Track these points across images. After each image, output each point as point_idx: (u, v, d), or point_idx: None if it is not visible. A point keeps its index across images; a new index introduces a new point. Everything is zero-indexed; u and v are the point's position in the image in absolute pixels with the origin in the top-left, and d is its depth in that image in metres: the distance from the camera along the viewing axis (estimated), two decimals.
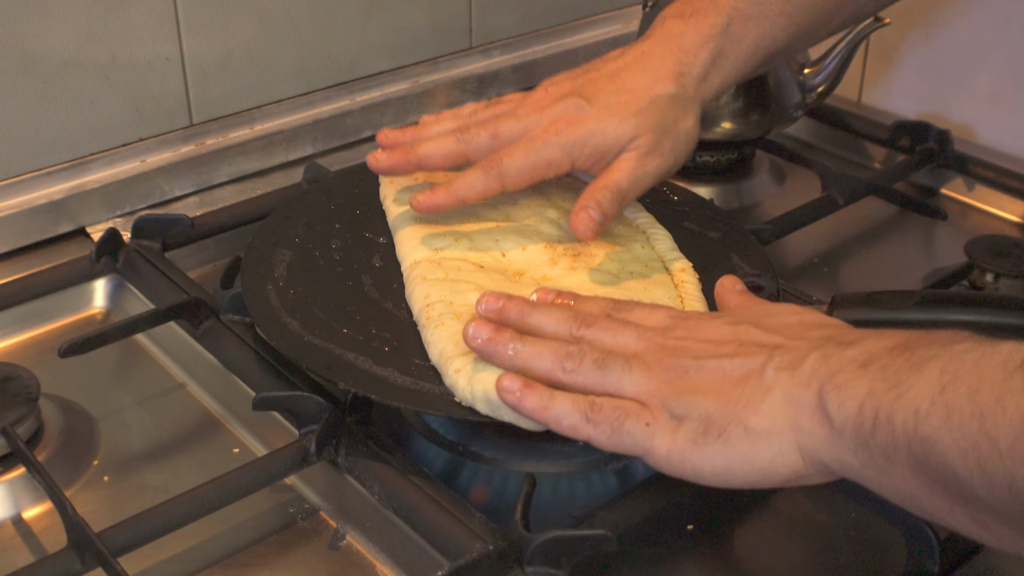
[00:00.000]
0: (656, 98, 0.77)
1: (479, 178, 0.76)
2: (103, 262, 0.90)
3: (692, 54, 0.78)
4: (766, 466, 0.56)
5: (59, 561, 0.62)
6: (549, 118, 0.77)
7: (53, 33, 0.92)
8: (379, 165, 0.80)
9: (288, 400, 0.71)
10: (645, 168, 0.77)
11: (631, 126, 0.76)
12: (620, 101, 0.77)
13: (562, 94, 0.78)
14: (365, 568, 0.67)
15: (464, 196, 0.77)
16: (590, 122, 0.76)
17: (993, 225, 1.04)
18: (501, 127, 0.78)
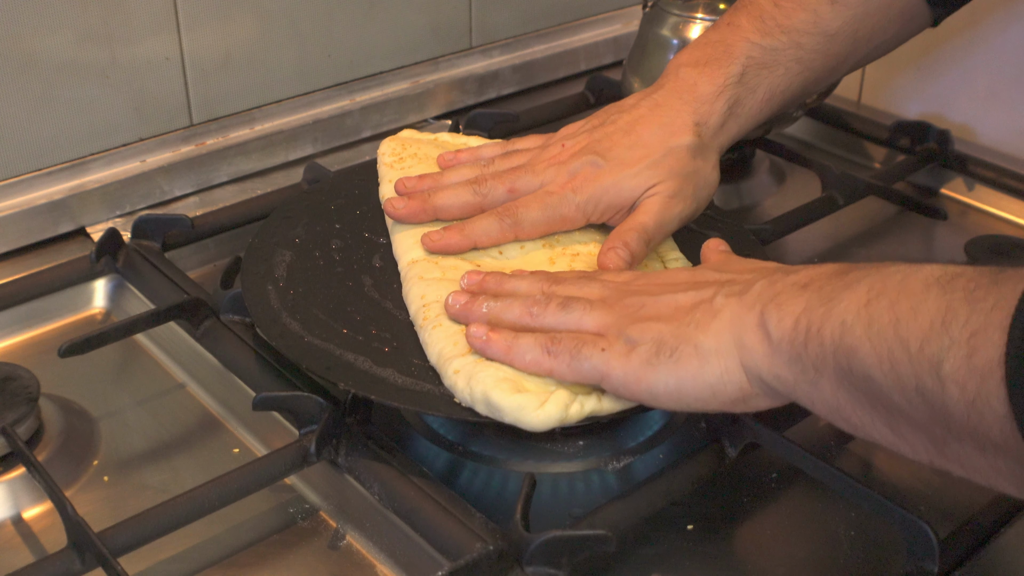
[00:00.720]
0: (672, 149, 0.78)
1: (494, 225, 0.77)
2: (103, 262, 0.90)
3: (708, 103, 0.79)
4: (714, 382, 0.60)
5: (59, 561, 0.62)
6: (566, 175, 0.79)
7: (53, 33, 0.92)
8: (396, 213, 0.80)
9: (288, 400, 0.71)
10: (671, 211, 0.77)
11: (646, 177, 0.77)
12: (634, 156, 0.78)
13: (578, 150, 0.80)
14: (365, 568, 0.67)
15: (477, 241, 0.78)
16: (605, 178, 0.78)
17: (993, 225, 1.04)
18: (518, 182, 0.79)
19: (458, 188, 0.80)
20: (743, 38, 0.80)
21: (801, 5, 0.80)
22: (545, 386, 0.65)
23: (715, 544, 0.68)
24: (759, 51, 0.80)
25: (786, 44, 0.80)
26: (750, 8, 0.82)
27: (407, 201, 0.80)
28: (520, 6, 1.24)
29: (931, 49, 1.13)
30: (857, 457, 0.76)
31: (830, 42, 0.81)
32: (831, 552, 0.68)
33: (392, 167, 0.90)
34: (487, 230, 0.77)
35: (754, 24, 0.80)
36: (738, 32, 0.81)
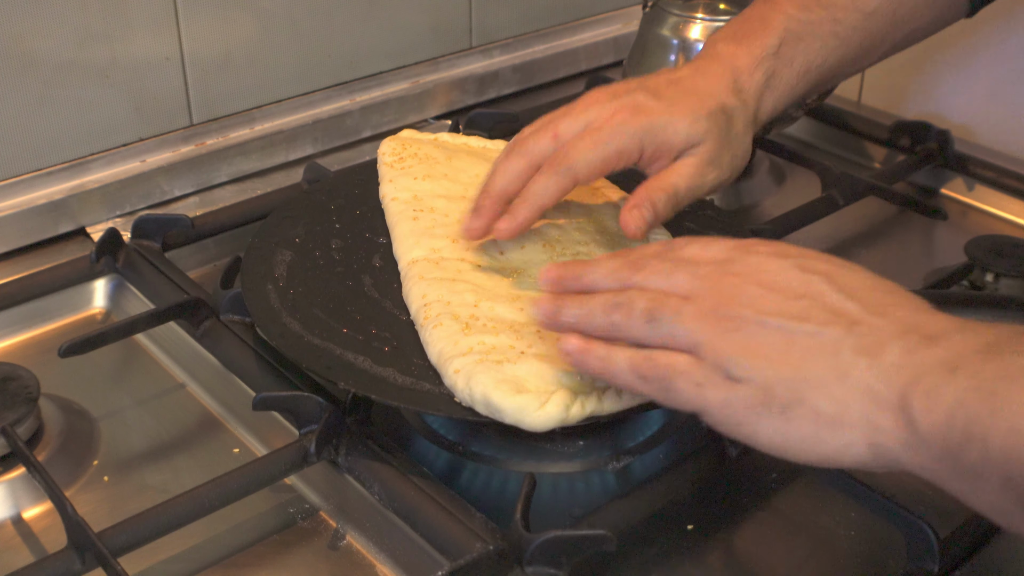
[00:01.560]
0: (723, 105, 0.76)
1: (550, 180, 0.72)
2: (103, 262, 0.90)
3: (747, 74, 0.78)
4: (829, 453, 0.53)
5: (59, 561, 0.62)
6: (611, 109, 0.74)
7: (53, 33, 0.92)
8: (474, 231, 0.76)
9: (288, 400, 0.71)
10: (705, 177, 0.75)
11: (703, 128, 0.74)
12: (689, 100, 0.75)
13: (623, 91, 0.75)
14: (365, 568, 0.67)
15: (542, 203, 0.73)
16: (659, 114, 0.73)
17: (993, 225, 1.04)
18: (560, 126, 0.74)
19: (506, 163, 0.75)
20: (780, 12, 0.80)
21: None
22: (546, 386, 0.65)
23: (715, 544, 0.68)
24: (796, 24, 0.79)
25: (823, 18, 0.80)
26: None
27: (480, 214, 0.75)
28: (520, 6, 1.24)
29: (931, 49, 1.13)
30: None
31: (868, 20, 0.81)
32: (831, 552, 0.68)
33: (392, 167, 0.90)
34: (546, 187, 0.72)
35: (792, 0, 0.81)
36: (776, 7, 0.80)
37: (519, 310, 0.72)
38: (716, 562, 0.67)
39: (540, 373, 0.66)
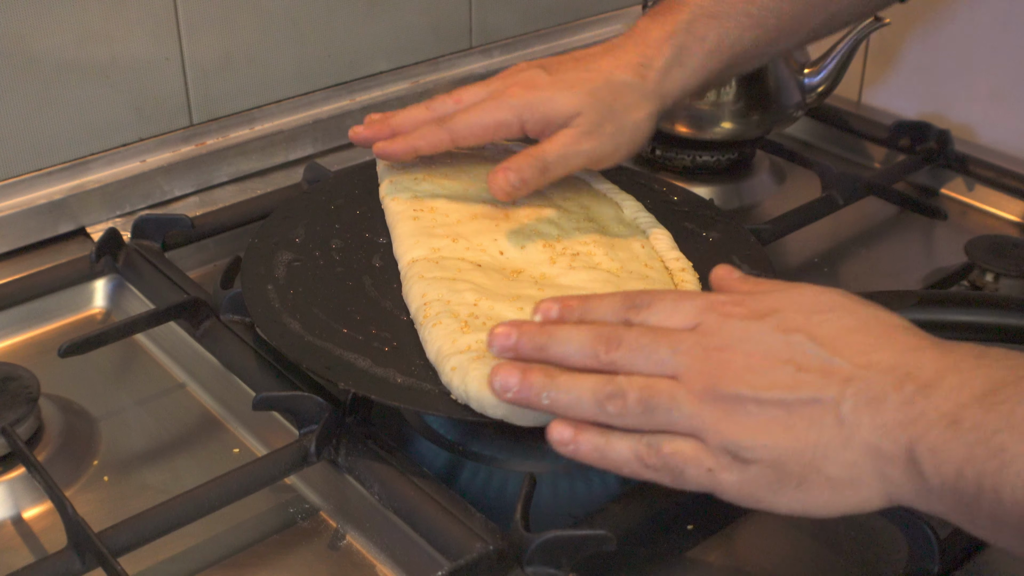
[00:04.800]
0: (611, 81, 0.79)
1: (432, 128, 0.81)
2: (103, 262, 0.90)
3: (655, 48, 0.80)
4: (850, 508, 0.54)
5: (59, 561, 0.62)
6: (508, 83, 0.81)
7: (53, 33, 0.92)
8: (358, 135, 0.85)
9: (288, 400, 0.71)
10: (579, 146, 0.79)
11: (579, 101, 0.78)
12: (576, 77, 0.80)
13: (526, 66, 0.83)
14: (365, 568, 0.67)
15: (416, 146, 0.82)
16: (544, 90, 0.79)
17: (993, 225, 1.04)
18: (465, 93, 0.83)
19: (412, 109, 0.85)
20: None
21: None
22: None
23: (715, 544, 0.68)
24: (709, 2, 0.82)
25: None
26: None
27: (368, 126, 0.86)
28: (520, 6, 1.24)
29: (931, 49, 1.13)
30: None
31: (783, 1, 0.82)
32: (831, 552, 0.68)
33: (392, 167, 0.90)
34: (424, 133, 0.81)
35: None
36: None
37: (518, 309, 0.72)
38: (716, 562, 0.67)
39: None
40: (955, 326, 0.74)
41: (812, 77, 1.05)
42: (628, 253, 0.80)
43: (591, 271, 0.77)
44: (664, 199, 0.90)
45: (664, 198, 0.90)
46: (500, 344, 0.62)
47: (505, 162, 0.78)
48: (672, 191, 0.92)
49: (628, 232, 0.83)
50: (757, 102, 1.04)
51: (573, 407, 0.59)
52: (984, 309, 0.74)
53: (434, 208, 0.84)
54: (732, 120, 1.05)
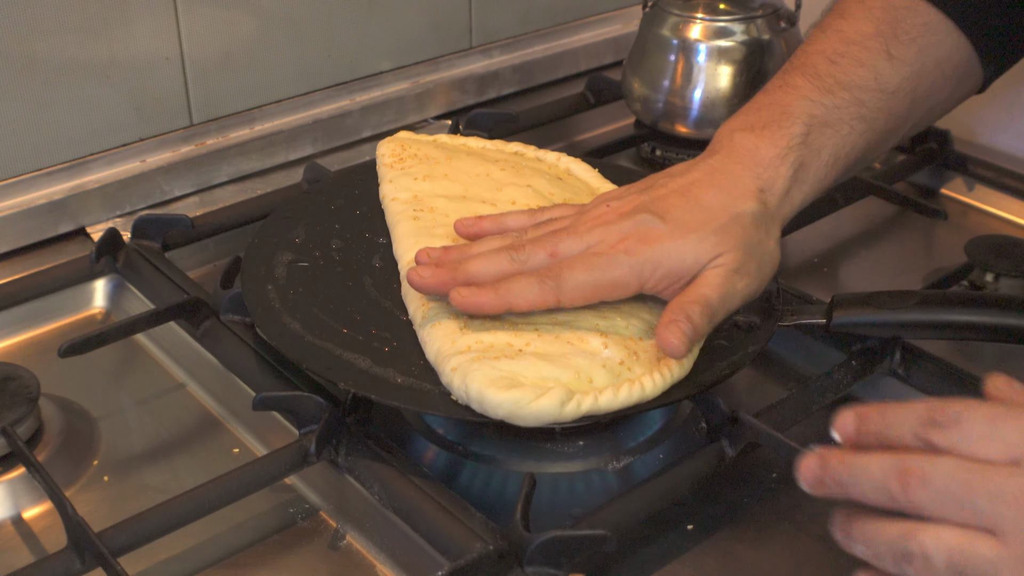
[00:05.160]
0: (737, 215, 0.70)
1: (533, 287, 0.68)
2: (103, 262, 0.90)
3: (772, 169, 0.72)
4: None
5: (59, 561, 0.62)
6: (616, 235, 0.70)
7: (53, 33, 0.92)
8: (423, 282, 0.70)
9: (288, 400, 0.71)
10: (735, 286, 0.69)
11: (711, 244, 0.69)
12: (697, 218, 0.70)
13: (630, 209, 0.71)
14: (365, 568, 0.67)
15: (513, 304, 0.68)
16: (665, 241, 0.69)
17: (993, 225, 1.04)
18: (560, 244, 0.70)
19: (493, 256, 0.71)
20: (802, 96, 0.74)
21: (858, 62, 0.75)
22: (542, 382, 0.65)
23: (715, 544, 0.68)
24: (821, 109, 0.74)
25: (848, 101, 0.74)
26: (804, 67, 0.76)
27: (434, 270, 0.71)
28: (520, 6, 1.24)
29: None
30: None
31: (890, 99, 0.75)
32: (831, 552, 0.68)
33: (392, 167, 0.90)
34: (524, 292, 0.68)
35: (811, 82, 0.75)
36: (795, 92, 0.75)
37: None
38: (716, 562, 0.67)
39: (537, 370, 0.66)
40: (955, 326, 0.74)
41: None
42: None
43: None
44: None
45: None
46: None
47: (667, 313, 0.67)
48: None
49: None
50: None
51: (867, 558, 0.52)
52: (984, 309, 0.74)
53: (434, 208, 0.84)
54: None
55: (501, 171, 0.89)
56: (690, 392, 0.69)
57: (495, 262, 0.70)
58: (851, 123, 0.74)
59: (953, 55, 0.77)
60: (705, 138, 1.06)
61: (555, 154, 0.95)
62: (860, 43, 0.75)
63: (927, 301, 0.75)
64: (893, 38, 0.75)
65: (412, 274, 0.71)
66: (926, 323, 0.75)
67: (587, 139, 1.20)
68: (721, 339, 0.73)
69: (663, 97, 1.07)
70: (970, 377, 0.76)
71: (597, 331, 0.70)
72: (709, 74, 1.04)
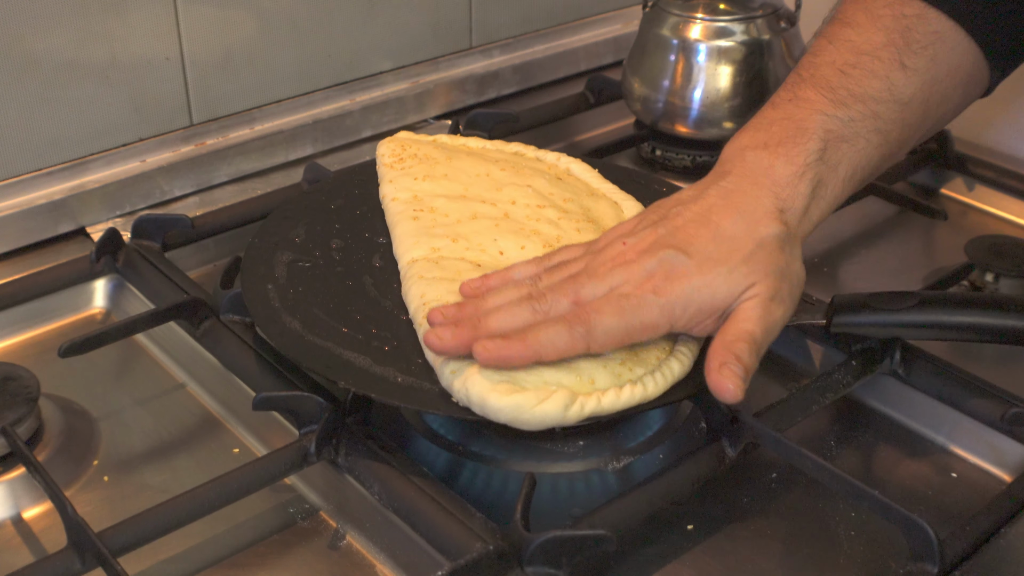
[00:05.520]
0: (762, 241, 0.68)
1: (563, 334, 0.65)
2: (103, 262, 0.90)
3: (790, 187, 0.70)
4: None
5: (59, 561, 0.62)
6: (641, 275, 0.67)
7: (53, 33, 0.92)
8: (444, 345, 0.67)
9: (288, 400, 0.71)
10: (773, 316, 0.67)
11: (742, 275, 0.67)
12: (722, 249, 0.67)
13: (649, 245, 0.69)
14: (365, 568, 0.67)
15: (543, 354, 0.66)
16: (693, 277, 0.66)
17: (993, 225, 1.04)
18: (583, 290, 0.68)
19: (513, 308, 0.68)
20: (816, 111, 0.72)
21: (872, 73, 0.73)
22: (544, 386, 0.65)
23: (715, 544, 0.68)
24: (836, 123, 0.71)
25: (863, 114, 0.72)
26: (815, 80, 0.74)
27: (453, 329, 0.67)
28: (520, 6, 1.24)
29: None
30: (857, 457, 0.76)
31: (904, 110, 0.73)
32: (831, 552, 0.68)
33: (392, 167, 0.90)
34: (554, 340, 0.65)
35: (824, 95, 0.72)
36: (808, 105, 0.72)
37: None
38: (716, 562, 0.67)
39: (538, 373, 0.66)
40: (955, 326, 0.74)
41: None
42: None
43: None
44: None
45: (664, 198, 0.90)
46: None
47: (715, 358, 0.65)
48: (672, 191, 0.92)
49: None
50: (757, 102, 1.04)
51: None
52: (984, 309, 0.74)
53: (434, 208, 0.84)
54: (732, 120, 1.05)
55: (501, 171, 0.89)
56: (690, 392, 0.69)
57: (517, 314, 0.67)
58: (867, 136, 0.72)
59: (964, 62, 0.75)
60: (705, 138, 1.07)
61: (555, 154, 0.95)
62: (872, 53, 0.73)
63: (927, 302, 0.75)
64: (905, 48, 0.73)
65: (430, 336, 0.67)
66: (926, 323, 0.74)
67: (587, 139, 1.20)
68: None
69: (663, 97, 1.07)
70: (970, 377, 0.76)
71: None
72: (709, 74, 1.04)
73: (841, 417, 0.79)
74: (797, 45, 1.07)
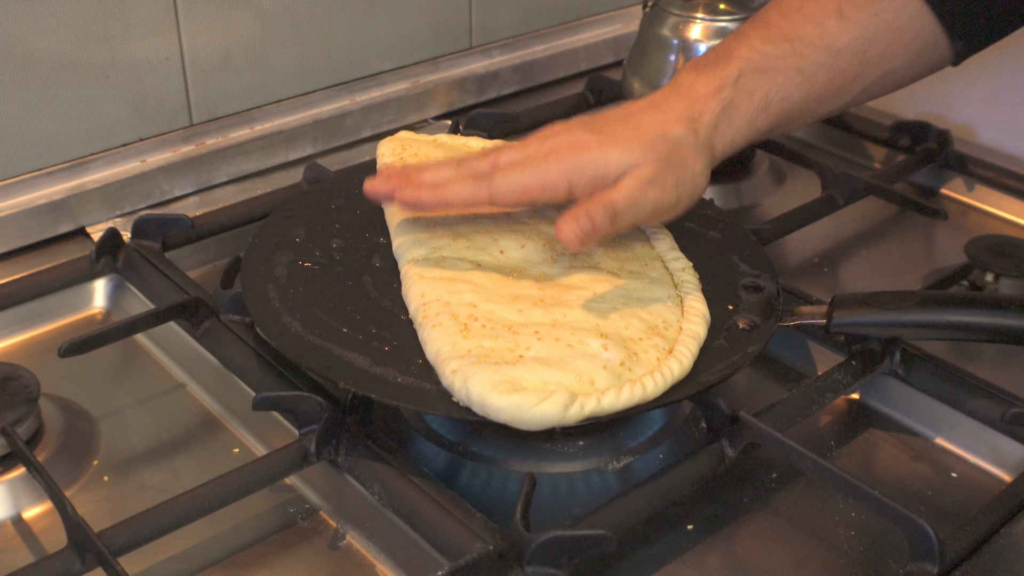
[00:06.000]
0: (664, 134, 0.76)
1: (468, 185, 0.75)
2: (103, 262, 0.90)
3: (702, 102, 0.77)
4: None
5: (59, 561, 0.62)
6: (550, 146, 0.76)
7: (53, 33, 0.92)
8: (375, 189, 0.78)
9: (288, 400, 0.71)
10: (645, 195, 0.74)
11: (634, 154, 0.74)
12: (626, 134, 0.76)
13: (568, 127, 0.78)
14: (365, 568, 0.67)
15: (448, 199, 0.75)
16: (593, 149, 0.74)
17: (993, 225, 1.04)
18: (501, 156, 0.76)
19: (440, 166, 0.78)
20: (745, 44, 0.79)
21: (808, 18, 0.78)
22: (544, 386, 0.65)
23: (715, 544, 0.68)
24: (759, 56, 0.78)
25: (787, 52, 0.78)
26: (757, 19, 0.81)
27: (389, 178, 0.78)
28: (520, 6, 1.24)
29: None
30: (857, 457, 0.76)
31: (836, 57, 0.78)
32: (831, 552, 0.68)
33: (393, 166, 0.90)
34: (460, 191, 0.75)
35: (758, 32, 0.79)
36: (742, 40, 0.79)
37: (518, 311, 0.72)
38: (716, 562, 0.67)
39: (539, 374, 0.66)
40: (955, 326, 0.74)
41: None
42: (628, 253, 0.80)
43: (591, 271, 0.77)
44: None
45: None
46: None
47: (570, 209, 0.73)
48: None
49: (628, 232, 0.83)
50: None
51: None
52: (984, 309, 0.74)
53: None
54: None
55: None
56: (690, 392, 0.69)
57: (442, 171, 0.77)
58: (787, 73, 0.78)
59: (912, 23, 0.78)
60: None
61: None
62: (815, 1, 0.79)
63: (927, 301, 0.75)
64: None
65: (367, 184, 0.78)
66: (926, 323, 0.75)
67: None
68: (721, 339, 0.74)
69: None
70: (970, 377, 0.76)
71: (597, 332, 0.70)
72: None
73: (841, 417, 0.79)
74: None
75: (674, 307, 0.75)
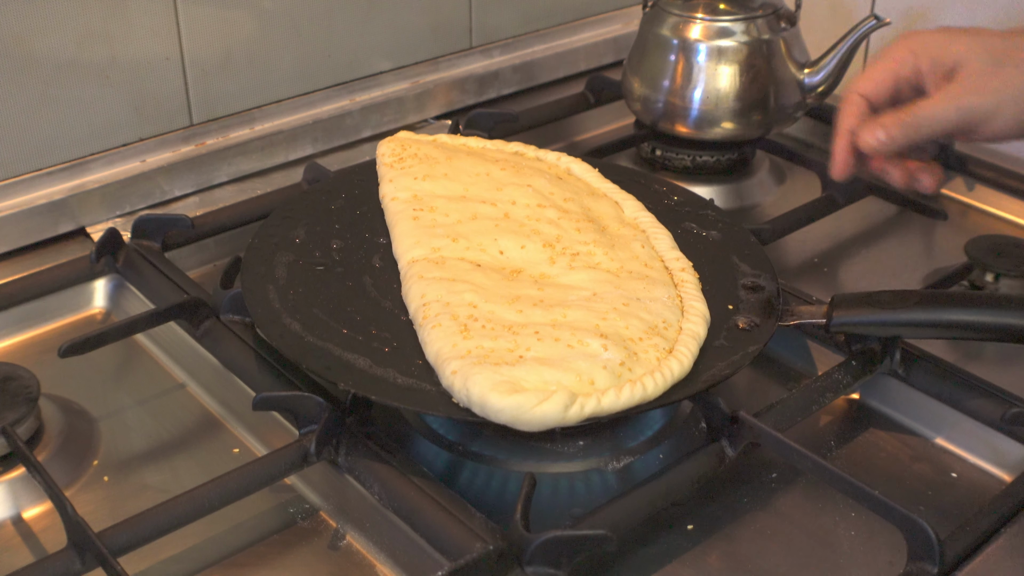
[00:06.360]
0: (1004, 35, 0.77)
1: None
2: (103, 262, 0.90)
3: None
4: None
5: (59, 561, 0.62)
6: None
7: (53, 33, 0.92)
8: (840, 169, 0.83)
9: (288, 400, 0.71)
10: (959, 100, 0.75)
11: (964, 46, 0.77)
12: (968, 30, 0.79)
13: None
14: (365, 568, 0.67)
15: None
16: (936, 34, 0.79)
17: (993, 225, 1.04)
18: None
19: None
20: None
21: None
22: (544, 387, 0.65)
23: (715, 544, 0.68)
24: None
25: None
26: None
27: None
28: (520, 6, 1.24)
29: None
30: (857, 457, 0.76)
31: None
32: (831, 552, 0.68)
33: (392, 167, 0.90)
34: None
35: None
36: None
37: (518, 311, 0.72)
38: (716, 562, 0.67)
39: (539, 374, 0.66)
40: (955, 326, 0.74)
41: (812, 77, 1.05)
42: (628, 253, 0.80)
43: (591, 271, 0.77)
44: (664, 199, 0.91)
45: (664, 198, 0.91)
46: None
47: (877, 118, 0.77)
48: (672, 191, 0.92)
49: (628, 232, 0.83)
50: (757, 102, 1.04)
51: None
52: (984, 309, 0.74)
53: (434, 208, 0.84)
54: (732, 120, 1.05)
55: (501, 171, 0.89)
56: (690, 392, 0.69)
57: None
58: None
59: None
60: (705, 138, 1.06)
61: (555, 154, 0.95)
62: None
63: (927, 301, 0.75)
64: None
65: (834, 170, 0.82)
66: (926, 323, 0.75)
67: (587, 139, 1.20)
68: (721, 339, 0.74)
69: (663, 97, 1.07)
70: (970, 377, 0.76)
71: (597, 332, 0.70)
72: (709, 74, 1.04)
73: (841, 417, 0.79)
74: (797, 45, 1.07)
75: (674, 307, 0.75)
